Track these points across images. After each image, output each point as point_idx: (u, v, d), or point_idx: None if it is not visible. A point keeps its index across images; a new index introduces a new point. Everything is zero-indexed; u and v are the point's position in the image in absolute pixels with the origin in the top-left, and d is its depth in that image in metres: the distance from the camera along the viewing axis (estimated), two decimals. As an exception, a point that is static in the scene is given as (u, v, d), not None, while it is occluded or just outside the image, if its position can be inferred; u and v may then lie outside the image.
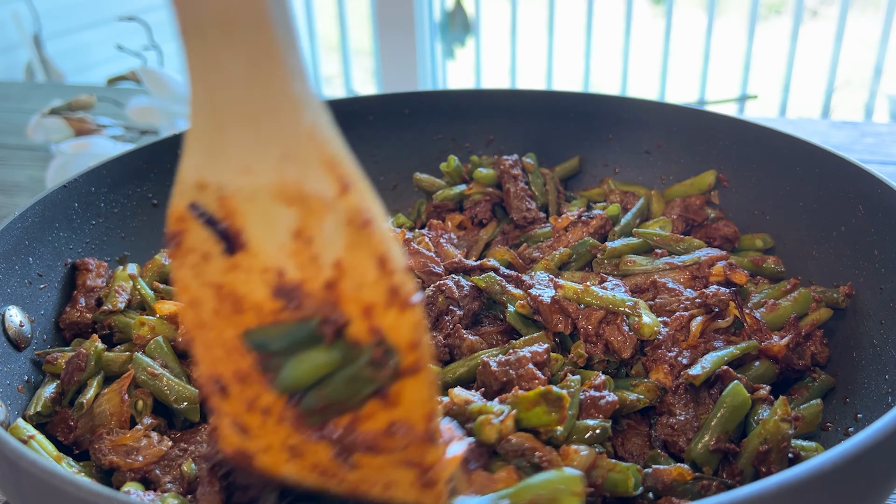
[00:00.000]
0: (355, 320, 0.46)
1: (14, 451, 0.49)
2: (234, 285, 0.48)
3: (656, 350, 0.73)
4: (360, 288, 0.45)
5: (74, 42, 3.38)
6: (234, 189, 0.45)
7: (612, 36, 3.75)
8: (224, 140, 0.44)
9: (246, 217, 0.46)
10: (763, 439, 0.63)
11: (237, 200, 0.45)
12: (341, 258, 0.44)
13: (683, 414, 0.69)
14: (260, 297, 0.47)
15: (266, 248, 0.46)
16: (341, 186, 0.43)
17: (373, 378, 0.47)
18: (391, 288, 0.44)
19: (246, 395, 0.50)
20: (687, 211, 1.00)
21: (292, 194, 0.44)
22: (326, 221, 0.43)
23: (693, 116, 1.04)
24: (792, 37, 3.38)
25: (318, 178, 0.43)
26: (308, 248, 0.45)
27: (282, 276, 0.46)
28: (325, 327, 0.46)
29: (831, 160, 0.86)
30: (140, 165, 0.97)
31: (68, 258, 0.85)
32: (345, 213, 0.43)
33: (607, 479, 0.58)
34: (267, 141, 0.43)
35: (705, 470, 0.64)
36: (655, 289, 0.82)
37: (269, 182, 0.44)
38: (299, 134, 0.42)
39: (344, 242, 0.44)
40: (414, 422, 0.48)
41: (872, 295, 0.78)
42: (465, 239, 1.04)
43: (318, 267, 0.45)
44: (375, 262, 0.44)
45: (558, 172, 1.11)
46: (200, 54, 0.42)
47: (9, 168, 1.61)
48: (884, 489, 0.52)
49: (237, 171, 0.44)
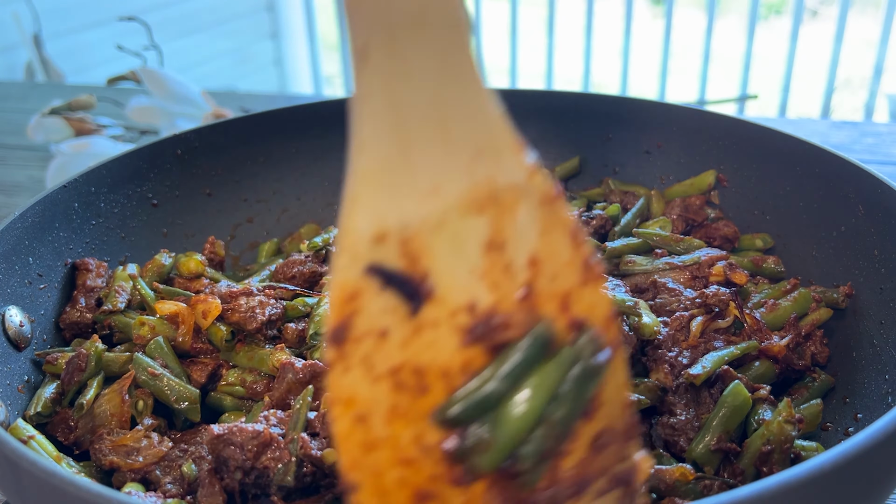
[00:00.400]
0: (556, 320, 0.40)
1: (14, 451, 0.48)
2: (418, 356, 0.39)
3: (656, 350, 0.73)
4: (555, 278, 0.40)
5: (74, 42, 3.38)
6: (419, 222, 0.39)
7: (612, 36, 3.75)
8: (409, 163, 0.39)
9: (433, 253, 0.39)
10: (766, 440, 0.63)
11: (423, 235, 0.39)
12: (536, 250, 0.40)
13: (684, 414, 0.69)
14: (447, 356, 0.40)
15: (456, 281, 0.39)
16: (530, 167, 0.40)
17: (586, 385, 0.40)
18: (584, 262, 0.40)
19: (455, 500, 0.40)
20: (687, 211, 1.00)
21: (484, 197, 0.39)
22: (520, 212, 0.40)
23: (693, 116, 1.04)
24: (792, 37, 3.38)
25: (511, 165, 0.39)
26: (501, 258, 0.40)
27: (473, 311, 0.40)
28: (531, 349, 0.39)
29: (831, 160, 0.86)
30: (140, 165, 0.97)
31: (68, 258, 0.85)
32: (537, 195, 0.40)
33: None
34: (459, 143, 0.39)
35: (706, 470, 0.64)
36: (655, 289, 0.82)
37: (458, 195, 0.39)
38: (491, 123, 0.39)
39: (538, 229, 0.40)
40: (615, 420, 0.41)
41: (872, 295, 0.78)
42: None
43: (513, 275, 0.40)
44: (570, 239, 0.40)
45: (558, 172, 1.11)
46: (387, 64, 0.38)
47: (9, 168, 1.61)
48: (884, 489, 0.52)
49: (425, 197, 0.39)
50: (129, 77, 1.73)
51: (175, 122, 1.50)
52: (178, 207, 1.02)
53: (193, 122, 1.49)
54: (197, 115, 1.51)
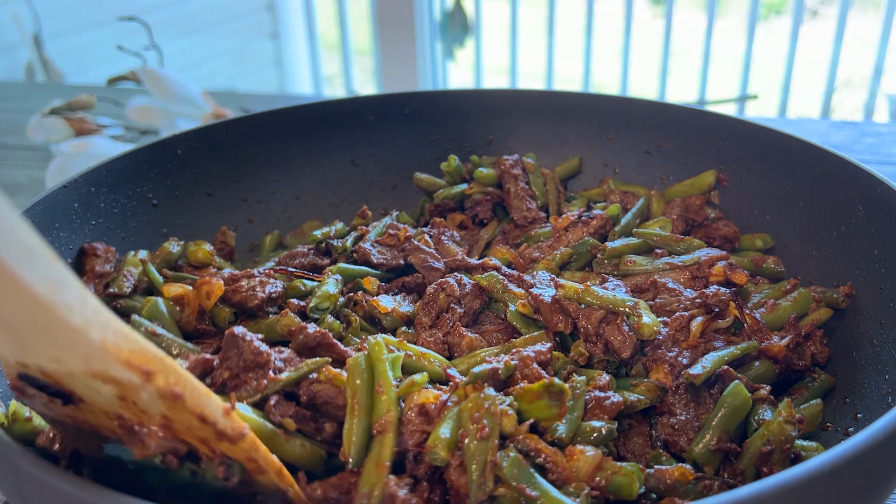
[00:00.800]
0: (198, 446, 0.52)
1: (14, 451, 0.49)
2: (84, 418, 0.52)
3: (656, 350, 0.73)
4: (190, 429, 0.51)
5: (74, 42, 3.38)
6: (52, 369, 0.48)
7: (612, 36, 3.75)
8: (28, 345, 0.47)
9: (72, 384, 0.49)
10: (766, 440, 0.63)
11: (59, 375, 0.48)
12: (165, 412, 0.50)
13: (684, 414, 0.69)
14: (110, 426, 0.52)
15: (99, 401, 0.49)
16: (144, 375, 0.47)
17: (223, 486, 0.53)
18: (217, 432, 0.51)
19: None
20: (687, 211, 1.00)
21: (105, 377, 0.47)
22: (141, 395, 0.48)
23: (693, 116, 1.04)
24: (792, 37, 3.38)
25: (122, 371, 0.47)
26: (136, 405, 0.49)
27: (122, 419, 0.51)
28: (168, 459, 0.51)
29: (831, 160, 0.86)
30: (140, 165, 0.97)
31: (68, 258, 0.85)
32: (155, 392, 0.48)
33: (612, 482, 0.58)
34: (67, 351, 0.46)
35: (706, 470, 0.64)
36: (655, 289, 0.82)
37: (79, 370, 0.47)
38: (92, 348, 0.45)
39: (163, 406, 0.49)
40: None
41: (872, 295, 0.78)
42: (466, 238, 1.04)
43: (150, 416, 0.50)
44: (196, 419, 0.50)
45: (559, 172, 1.11)
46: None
47: (9, 168, 1.61)
48: (884, 489, 0.52)
49: (50, 361, 0.47)
50: (129, 77, 1.73)
51: (175, 122, 1.50)
52: (178, 207, 1.02)
53: (193, 122, 1.49)
54: (197, 115, 1.51)
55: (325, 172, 1.14)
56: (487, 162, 1.11)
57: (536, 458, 0.58)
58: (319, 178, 1.14)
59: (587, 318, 0.75)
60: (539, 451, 0.58)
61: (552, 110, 1.14)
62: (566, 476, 0.57)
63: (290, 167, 1.12)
